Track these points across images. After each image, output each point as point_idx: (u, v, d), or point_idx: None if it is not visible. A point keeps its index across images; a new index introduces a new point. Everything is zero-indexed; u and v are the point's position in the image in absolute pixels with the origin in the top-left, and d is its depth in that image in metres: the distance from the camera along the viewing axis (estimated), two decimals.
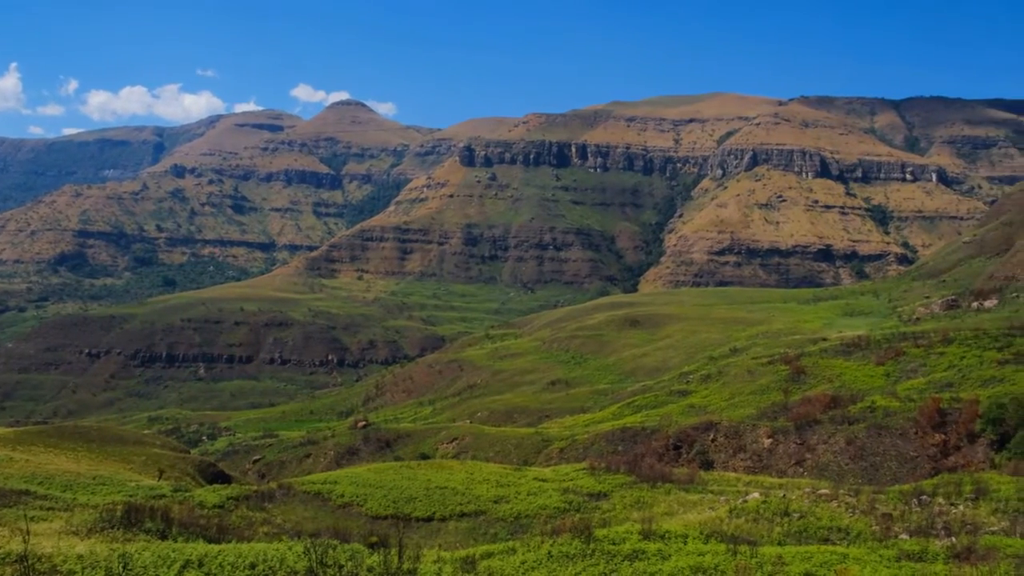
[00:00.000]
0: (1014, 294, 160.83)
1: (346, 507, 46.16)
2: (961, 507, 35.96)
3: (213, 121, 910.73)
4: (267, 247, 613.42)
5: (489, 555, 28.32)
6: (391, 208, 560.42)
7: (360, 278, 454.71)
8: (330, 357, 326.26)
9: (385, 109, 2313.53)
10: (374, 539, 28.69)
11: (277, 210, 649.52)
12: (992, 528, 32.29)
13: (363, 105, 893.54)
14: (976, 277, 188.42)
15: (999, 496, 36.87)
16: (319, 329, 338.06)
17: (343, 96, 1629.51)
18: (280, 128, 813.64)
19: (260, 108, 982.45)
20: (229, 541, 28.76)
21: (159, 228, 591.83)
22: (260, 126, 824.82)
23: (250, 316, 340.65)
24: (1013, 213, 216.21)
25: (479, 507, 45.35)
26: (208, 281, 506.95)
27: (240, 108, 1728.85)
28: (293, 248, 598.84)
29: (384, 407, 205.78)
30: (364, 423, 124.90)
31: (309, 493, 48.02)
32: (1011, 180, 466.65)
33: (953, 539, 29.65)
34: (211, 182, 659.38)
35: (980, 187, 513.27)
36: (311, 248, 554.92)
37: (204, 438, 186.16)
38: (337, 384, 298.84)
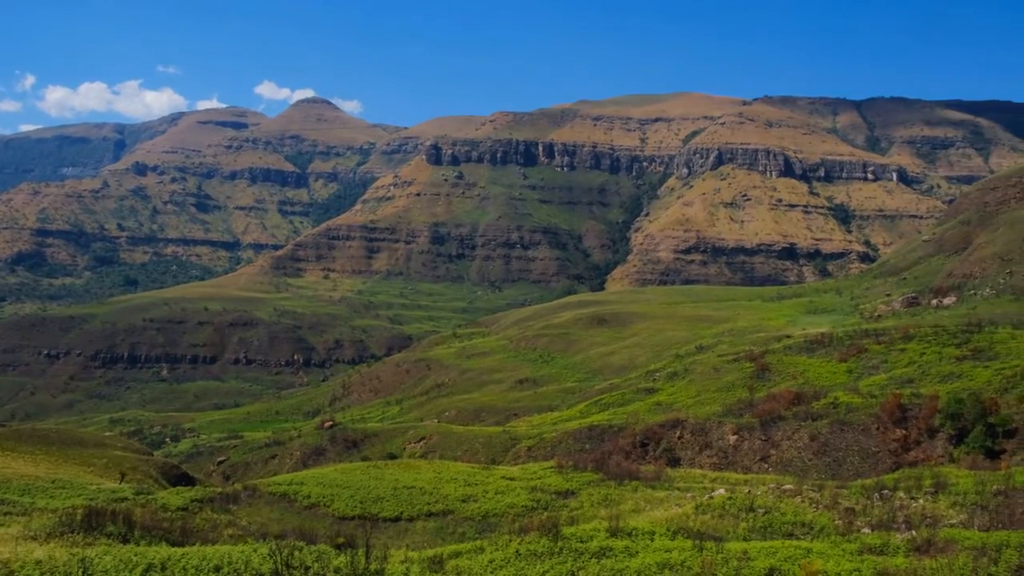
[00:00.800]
0: (972, 291, 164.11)
1: (313, 508, 45.81)
2: (921, 501, 36.59)
3: (176, 118, 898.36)
4: (231, 246, 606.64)
5: (457, 554, 28.25)
6: (357, 207, 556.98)
7: (326, 277, 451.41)
8: (296, 357, 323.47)
9: (351, 107, 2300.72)
10: (341, 540, 28.49)
11: (242, 209, 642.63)
12: (951, 521, 32.91)
13: (329, 103, 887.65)
14: (935, 275, 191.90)
15: (958, 490, 37.58)
16: (285, 329, 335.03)
17: (308, 94, 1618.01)
18: (244, 126, 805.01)
19: (224, 105, 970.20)
20: (193, 544, 28.39)
21: (120, 227, 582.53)
22: (224, 123, 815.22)
23: (214, 316, 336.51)
24: (971, 212, 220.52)
25: (447, 506, 45.26)
26: (171, 281, 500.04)
27: (203, 105, 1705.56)
28: (258, 247, 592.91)
29: (351, 407, 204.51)
30: (331, 423, 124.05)
31: (275, 494, 47.57)
32: (969, 180, 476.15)
33: (913, 532, 30.15)
34: (174, 180, 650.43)
35: (939, 187, 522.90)
36: (276, 247, 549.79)
37: (167, 440, 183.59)
38: (303, 384, 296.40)
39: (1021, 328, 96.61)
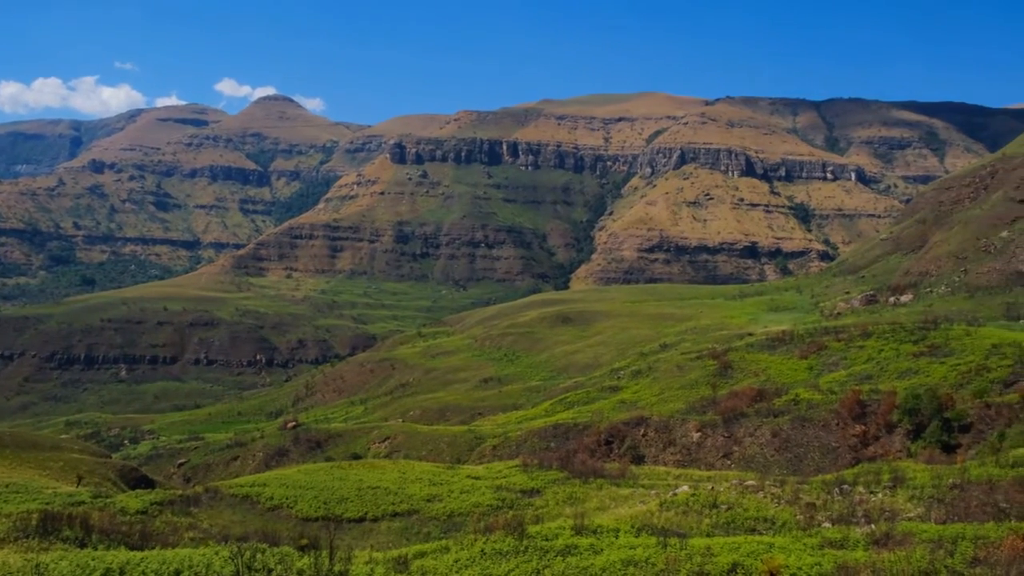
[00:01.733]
0: (928, 289, 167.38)
1: (276, 509, 45.35)
2: (880, 495, 37.20)
3: (134, 115, 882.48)
4: (192, 245, 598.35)
5: (422, 554, 28.14)
6: (321, 205, 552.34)
7: (289, 276, 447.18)
8: (258, 357, 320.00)
9: (313, 105, 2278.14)
10: (304, 541, 28.23)
11: (202, 207, 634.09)
12: (909, 515, 33.50)
13: (291, 100, 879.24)
14: (893, 273, 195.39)
15: (915, 484, 38.28)
16: (247, 328, 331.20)
17: (270, 91, 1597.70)
18: (205, 123, 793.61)
19: (183, 103, 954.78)
20: (152, 548, 27.94)
21: (77, 225, 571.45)
22: (184, 121, 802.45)
23: (174, 316, 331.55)
24: (927, 211, 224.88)
25: (412, 506, 45.08)
26: (129, 280, 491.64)
27: (162, 102, 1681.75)
28: (219, 246, 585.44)
29: (315, 407, 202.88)
30: (294, 424, 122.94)
31: (237, 496, 47.02)
32: (925, 179, 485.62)
33: (872, 526, 30.64)
34: (132, 178, 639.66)
35: (896, 186, 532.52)
36: (238, 246, 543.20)
37: (126, 442, 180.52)
38: (266, 384, 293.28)
39: (975, 325, 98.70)
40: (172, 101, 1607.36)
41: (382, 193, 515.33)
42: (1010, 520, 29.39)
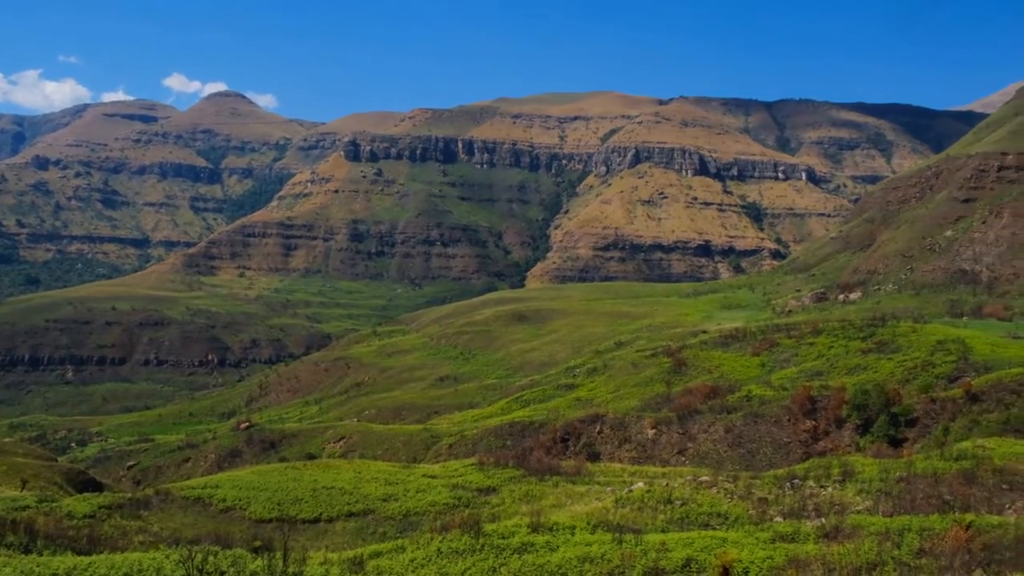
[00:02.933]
0: (876, 287, 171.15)
1: (228, 511, 44.71)
2: (830, 489, 37.92)
3: (80, 110, 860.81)
4: (141, 243, 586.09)
5: (378, 554, 27.98)
6: (274, 203, 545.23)
7: (242, 275, 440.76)
8: (210, 357, 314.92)
9: (265, 101, 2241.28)
10: (258, 543, 27.88)
11: (151, 205, 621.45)
12: (857, 508, 34.21)
13: (243, 97, 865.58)
14: (842, 271, 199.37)
15: (863, 477, 39.11)
16: (198, 328, 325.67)
17: (220, 87, 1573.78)
18: (154, 119, 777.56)
19: (131, 98, 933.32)
20: (101, 552, 27.33)
21: (20, 223, 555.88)
22: (132, 116, 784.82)
23: (123, 316, 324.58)
24: (874, 211, 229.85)
25: (368, 506, 44.80)
26: (76, 279, 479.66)
27: (108, 97, 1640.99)
28: (169, 244, 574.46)
29: (268, 407, 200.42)
30: (247, 424, 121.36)
31: (188, 499, 46.26)
32: (872, 180, 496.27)
33: (823, 520, 31.22)
34: (78, 175, 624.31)
35: (845, 186, 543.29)
36: (189, 244, 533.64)
37: (73, 445, 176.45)
38: (218, 385, 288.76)
39: (921, 322, 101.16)
40: (119, 96, 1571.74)
41: (336, 191, 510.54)
42: (954, 512, 30.17)
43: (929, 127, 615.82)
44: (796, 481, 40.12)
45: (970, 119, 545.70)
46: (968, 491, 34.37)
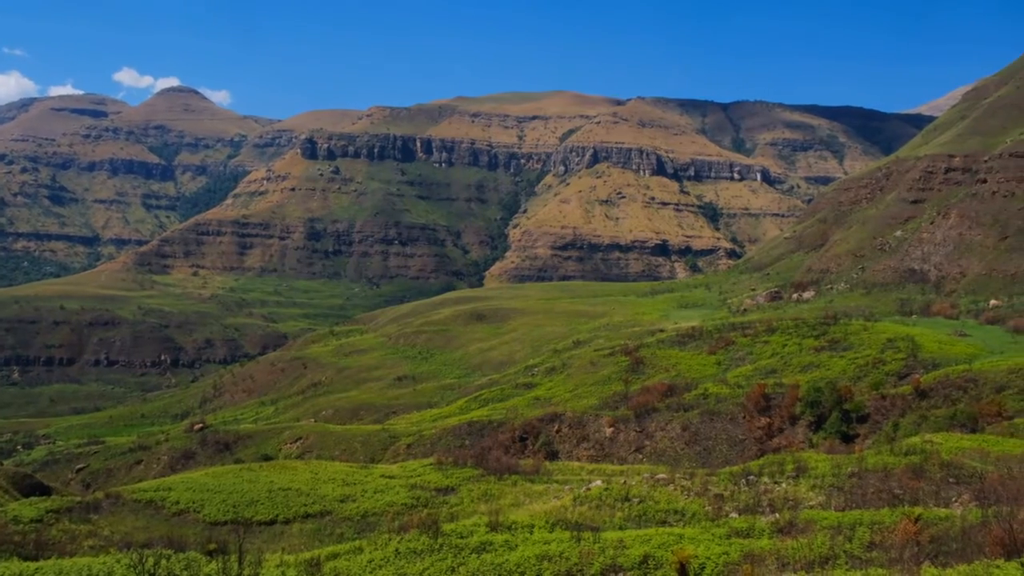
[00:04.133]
0: (829, 286, 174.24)
1: (182, 514, 43.98)
2: (784, 485, 38.50)
3: (26, 104, 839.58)
4: (91, 241, 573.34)
5: (335, 556, 27.74)
6: (229, 201, 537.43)
7: (195, 274, 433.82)
8: (163, 357, 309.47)
9: (219, 98, 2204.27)
10: (212, 546, 27.47)
11: (102, 202, 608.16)
12: (810, 503, 34.77)
13: (196, 92, 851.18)
14: (796, 270, 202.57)
15: (816, 473, 39.78)
16: (150, 328, 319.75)
17: (173, 82, 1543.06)
18: (104, 114, 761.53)
19: (80, 92, 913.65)
20: (49, 558, 26.69)
21: None
22: (81, 111, 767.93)
23: (72, 315, 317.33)
24: (827, 211, 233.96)
25: (325, 507, 44.40)
26: (22, 278, 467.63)
27: (56, 91, 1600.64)
28: (120, 243, 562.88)
29: (223, 408, 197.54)
30: (201, 425, 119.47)
31: (140, 502, 45.40)
32: (825, 181, 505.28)
33: (777, 515, 31.67)
34: (24, 170, 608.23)
35: (799, 187, 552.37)
36: (141, 242, 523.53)
37: (19, 448, 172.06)
38: (171, 386, 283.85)
39: (872, 320, 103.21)
40: (67, 90, 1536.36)
41: (293, 189, 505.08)
42: (903, 505, 30.83)
43: (879, 129, 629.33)
44: (751, 477, 40.66)
45: (918, 122, 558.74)
46: (917, 485, 35.15)
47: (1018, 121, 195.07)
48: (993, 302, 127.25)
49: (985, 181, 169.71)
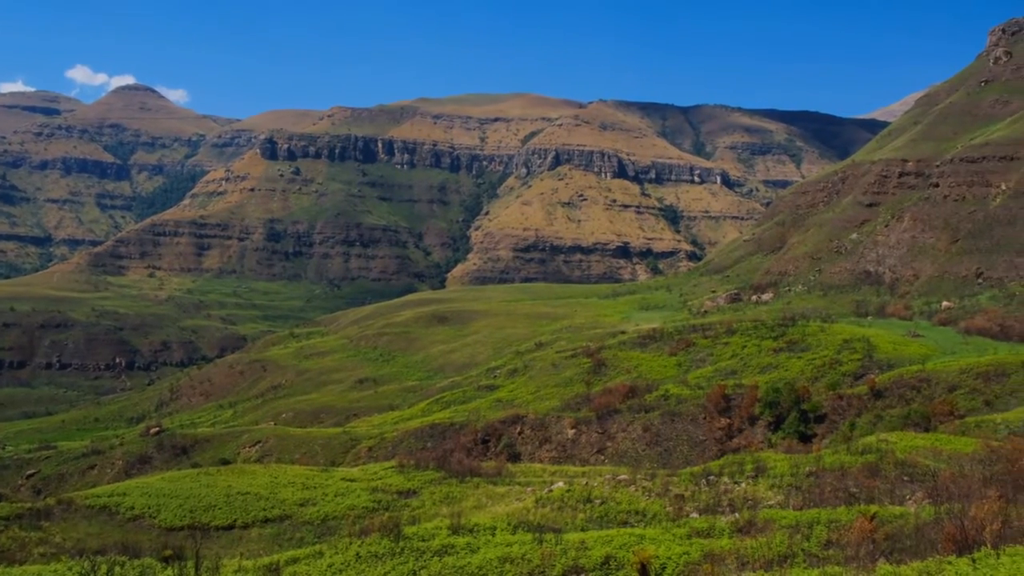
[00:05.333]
0: (787, 288, 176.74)
1: (137, 520, 43.15)
2: (744, 485, 38.88)
3: None
4: (42, 242, 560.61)
5: (295, 560, 27.42)
6: (186, 201, 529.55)
7: (152, 275, 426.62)
8: (118, 360, 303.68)
9: (177, 96, 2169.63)
10: (168, 552, 26.98)
11: (54, 201, 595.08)
12: (769, 502, 35.15)
13: (152, 91, 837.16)
14: (755, 272, 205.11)
15: (775, 473, 40.25)
16: (105, 330, 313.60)
17: (128, 80, 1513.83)
18: (57, 112, 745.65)
19: (31, 89, 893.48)
20: None
21: None
22: (33, 109, 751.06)
23: (22, 317, 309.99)
24: (785, 214, 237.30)
25: (284, 511, 43.87)
26: None
27: (6, 88, 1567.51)
28: (73, 243, 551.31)
29: (180, 412, 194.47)
30: (157, 429, 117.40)
31: (93, 507, 44.46)
32: (783, 184, 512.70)
33: (737, 515, 31.96)
34: None
35: (758, 190, 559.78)
36: (95, 243, 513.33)
37: None
38: (126, 389, 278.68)
39: (829, 321, 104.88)
40: (18, 87, 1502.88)
41: (252, 189, 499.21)
42: (859, 504, 31.30)
43: (836, 134, 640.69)
44: (711, 477, 41.02)
45: (873, 127, 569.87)
46: (872, 483, 35.73)
47: (968, 127, 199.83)
48: (945, 304, 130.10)
49: (937, 185, 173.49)
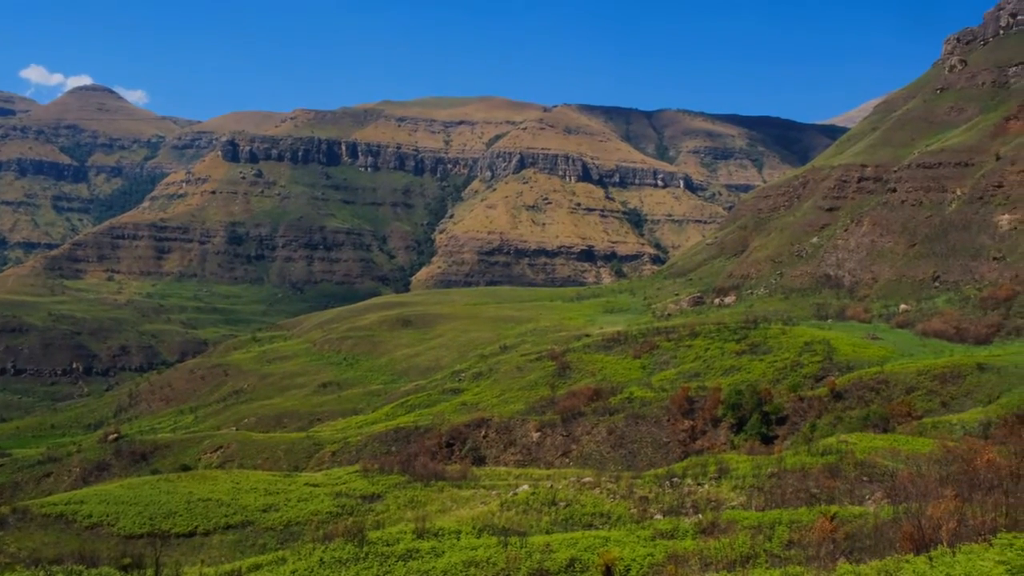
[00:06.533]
0: (749, 291, 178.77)
1: (95, 528, 42.36)
2: (707, 486, 39.23)
3: None
4: None
5: (257, 567, 27.11)
6: (146, 204, 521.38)
7: (111, 279, 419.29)
8: (75, 365, 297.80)
9: (135, 97, 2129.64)
10: (127, 560, 26.52)
11: (8, 203, 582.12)
12: (732, 503, 35.50)
13: (111, 91, 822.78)
14: (718, 275, 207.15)
15: (738, 474, 40.67)
16: (62, 335, 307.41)
17: (85, 80, 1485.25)
18: (11, 112, 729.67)
19: None
20: None
21: None
22: None
23: None
24: (747, 218, 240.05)
25: (246, 517, 43.35)
26: None
27: None
28: (29, 246, 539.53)
29: (140, 417, 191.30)
30: (116, 435, 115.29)
31: (50, 516, 43.56)
32: (746, 188, 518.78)
33: (700, 516, 32.23)
34: None
35: (720, 194, 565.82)
36: (51, 246, 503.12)
37: None
38: (84, 395, 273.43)
39: (790, 324, 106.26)
40: None
41: (214, 192, 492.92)
42: (820, 504, 31.73)
43: (797, 139, 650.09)
44: (675, 479, 41.32)
45: (833, 132, 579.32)
46: (833, 484, 36.24)
47: (924, 133, 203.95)
48: (903, 307, 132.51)
49: (895, 190, 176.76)
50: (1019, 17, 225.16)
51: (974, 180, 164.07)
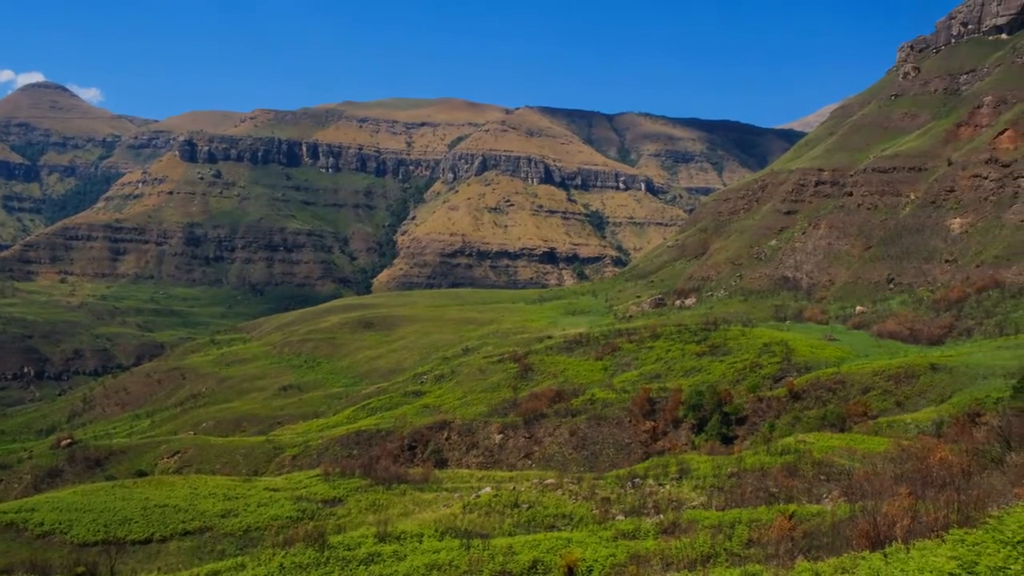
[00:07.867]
0: (709, 293, 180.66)
1: (47, 536, 41.43)
2: (668, 487, 39.53)
3: None
4: None
5: (216, 573, 26.75)
6: (100, 204, 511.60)
7: (63, 281, 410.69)
8: (26, 369, 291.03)
9: (90, 95, 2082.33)
10: (80, 569, 25.98)
11: None
12: (693, 503, 35.81)
13: (64, 89, 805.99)
14: (679, 277, 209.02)
15: (699, 474, 41.05)
16: (12, 338, 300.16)
17: (37, 78, 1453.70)
18: None
19: None
20: None
21: None
22: None
23: None
24: (708, 221, 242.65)
25: (204, 523, 42.71)
26: None
27: None
28: None
29: (94, 422, 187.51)
30: (69, 441, 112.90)
31: (0, 524, 42.47)
32: (706, 191, 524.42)
33: (661, 516, 32.45)
34: None
35: (681, 197, 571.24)
36: (2, 247, 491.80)
37: None
38: (35, 399, 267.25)
39: (749, 326, 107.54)
40: None
41: (171, 192, 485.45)
42: (779, 503, 32.15)
43: (755, 143, 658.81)
44: (637, 480, 41.58)
45: (791, 137, 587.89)
46: (791, 483, 36.74)
47: (880, 138, 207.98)
48: (859, 308, 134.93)
49: (851, 194, 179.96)
50: (970, 26, 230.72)
51: (927, 184, 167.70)
